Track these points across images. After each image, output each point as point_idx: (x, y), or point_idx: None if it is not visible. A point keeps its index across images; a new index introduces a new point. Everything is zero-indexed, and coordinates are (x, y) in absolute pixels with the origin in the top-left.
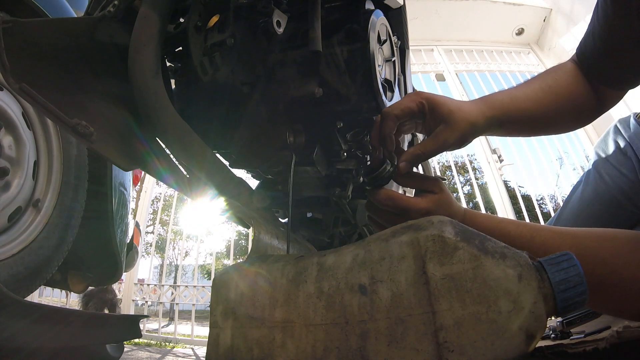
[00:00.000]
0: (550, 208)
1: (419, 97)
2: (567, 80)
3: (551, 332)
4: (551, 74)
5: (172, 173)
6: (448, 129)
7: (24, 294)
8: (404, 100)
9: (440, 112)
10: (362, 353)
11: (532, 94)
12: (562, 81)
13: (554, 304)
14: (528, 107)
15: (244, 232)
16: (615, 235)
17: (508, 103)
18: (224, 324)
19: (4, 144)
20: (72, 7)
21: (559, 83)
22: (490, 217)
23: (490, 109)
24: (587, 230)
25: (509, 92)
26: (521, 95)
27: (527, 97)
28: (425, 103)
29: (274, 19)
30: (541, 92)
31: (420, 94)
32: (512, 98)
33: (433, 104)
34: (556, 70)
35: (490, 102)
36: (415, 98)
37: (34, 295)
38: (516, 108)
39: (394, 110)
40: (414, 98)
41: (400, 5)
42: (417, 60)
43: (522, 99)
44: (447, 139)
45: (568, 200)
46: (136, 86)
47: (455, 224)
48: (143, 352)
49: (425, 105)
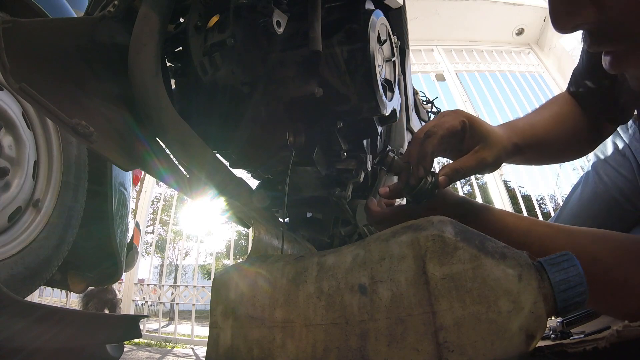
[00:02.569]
0: (550, 208)
1: (459, 115)
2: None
3: (551, 333)
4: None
5: (172, 173)
6: (487, 149)
7: (24, 294)
8: (447, 119)
9: (480, 132)
10: (362, 353)
11: (546, 123)
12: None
13: (554, 304)
14: (543, 135)
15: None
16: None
17: (528, 130)
18: (224, 324)
19: (4, 144)
20: (72, 7)
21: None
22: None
23: (515, 135)
24: (583, 229)
25: (527, 119)
26: (537, 124)
27: (542, 125)
28: (467, 122)
29: (274, 19)
30: (552, 121)
31: (460, 112)
32: (531, 126)
33: (473, 123)
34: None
35: (514, 129)
36: (457, 116)
37: (34, 295)
38: (533, 135)
39: (439, 130)
40: (455, 116)
41: (400, 5)
42: (417, 60)
43: (538, 128)
44: (485, 158)
45: (567, 201)
46: (136, 86)
47: (455, 224)
48: (143, 352)
49: (467, 124)
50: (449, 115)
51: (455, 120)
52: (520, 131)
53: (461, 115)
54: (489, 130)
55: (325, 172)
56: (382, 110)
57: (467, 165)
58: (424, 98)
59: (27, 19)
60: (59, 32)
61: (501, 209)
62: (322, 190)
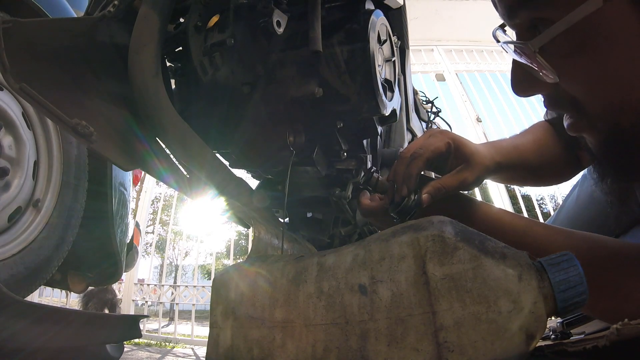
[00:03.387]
0: (550, 208)
1: (445, 137)
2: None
3: (551, 333)
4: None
5: (172, 173)
6: (469, 169)
7: (24, 294)
8: (432, 141)
9: (464, 153)
10: (362, 353)
11: (529, 147)
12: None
13: (554, 304)
14: (525, 157)
15: (244, 232)
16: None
17: (512, 151)
18: (224, 324)
19: (4, 144)
20: (72, 7)
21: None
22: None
23: (498, 154)
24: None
25: (511, 141)
26: (520, 146)
27: (525, 148)
28: (452, 144)
29: (274, 19)
30: (535, 145)
31: (446, 133)
32: (514, 147)
33: (458, 145)
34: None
35: (498, 148)
36: (442, 138)
37: (34, 295)
38: (518, 156)
39: (425, 153)
40: (441, 138)
41: (400, 5)
42: (417, 60)
43: (521, 149)
44: (467, 178)
45: (564, 203)
46: (136, 86)
47: (455, 224)
48: (143, 352)
49: (452, 145)
50: (435, 136)
51: (441, 142)
52: (505, 151)
53: (447, 137)
54: (473, 152)
55: (325, 172)
56: (382, 110)
57: (449, 184)
58: (424, 98)
59: (27, 19)
60: (59, 32)
61: (499, 208)
62: (322, 190)
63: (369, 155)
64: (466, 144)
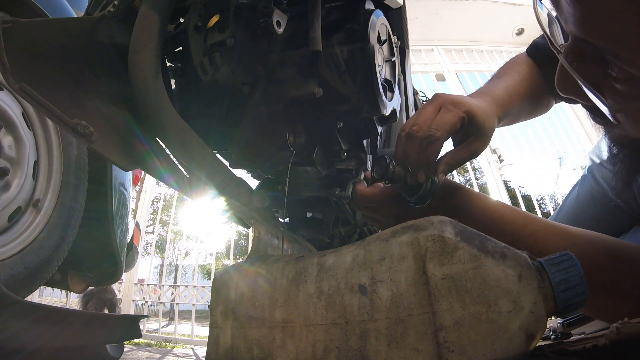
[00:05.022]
0: (550, 208)
1: (459, 111)
2: (534, 75)
3: (551, 333)
4: (522, 68)
5: (172, 173)
6: (480, 140)
7: (24, 294)
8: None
9: (476, 124)
10: (362, 353)
11: (520, 89)
12: (532, 75)
13: (554, 304)
14: (519, 101)
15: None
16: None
17: (507, 101)
18: (224, 324)
19: (4, 144)
20: (72, 7)
21: (531, 76)
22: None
23: (500, 109)
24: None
25: (504, 87)
26: (513, 92)
27: (517, 92)
28: (466, 118)
29: (274, 19)
30: (523, 86)
31: (458, 105)
32: (509, 96)
33: (471, 116)
34: (523, 64)
35: (499, 102)
36: (457, 112)
37: (34, 295)
38: (512, 104)
39: (442, 136)
40: (455, 113)
41: (400, 5)
42: (417, 60)
43: (514, 95)
44: (478, 149)
45: (564, 203)
46: (136, 86)
47: (455, 224)
48: (143, 352)
49: (466, 119)
50: (448, 110)
51: (456, 117)
52: (502, 103)
53: (461, 110)
54: (484, 120)
55: (325, 172)
56: (382, 110)
57: (461, 157)
58: (424, 98)
59: (27, 19)
60: (59, 32)
61: (498, 201)
62: (322, 190)
63: (369, 155)
64: (478, 113)
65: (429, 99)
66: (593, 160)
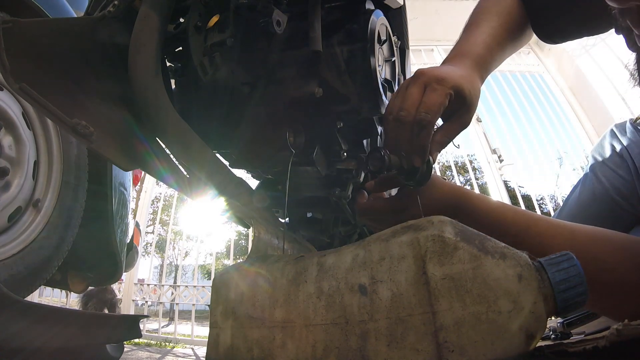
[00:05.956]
0: (550, 208)
1: (445, 88)
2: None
3: (551, 333)
4: (502, 8)
5: (172, 173)
6: (467, 112)
7: (24, 294)
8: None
9: (463, 97)
10: (362, 353)
11: (498, 36)
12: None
13: (554, 304)
14: (498, 52)
15: (244, 232)
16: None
17: (489, 57)
18: (224, 324)
19: (4, 144)
20: (72, 7)
21: (511, 16)
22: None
23: (482, 69)
24: (584, 227)
25: (483, 41)
26: (492, 42)
27: (497, 42)
28: (453, 93)
29: (274, 19)
30: (500, 31)
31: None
32: (489, 50)
33: (457, 91)
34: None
35: (480, 62)
36: (444, 90)
37: (34, 295)
38: (493, 58)
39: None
40: (441, 91)
41: (400, 5)
42: (417, 60)
43: (494, 46)
44: (467, 120)
45: (566, 202)
46: (136, 86)
47: (455, 224)
48: (143, 352)
49: (452, 95)
50: (434, 90)
51: (443, 96)
52: (483, 62)
53: (447, 87)
54: (470, 90)
55: (325, 172)
56: (382, 110)
57: (452, 133)
58: None
59: (27, 19)
60: (59, 32)
61: (499, 201)
62: (322, 190)
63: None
64: (464, 86)
65: (412, 76)
66: (595, 159)
